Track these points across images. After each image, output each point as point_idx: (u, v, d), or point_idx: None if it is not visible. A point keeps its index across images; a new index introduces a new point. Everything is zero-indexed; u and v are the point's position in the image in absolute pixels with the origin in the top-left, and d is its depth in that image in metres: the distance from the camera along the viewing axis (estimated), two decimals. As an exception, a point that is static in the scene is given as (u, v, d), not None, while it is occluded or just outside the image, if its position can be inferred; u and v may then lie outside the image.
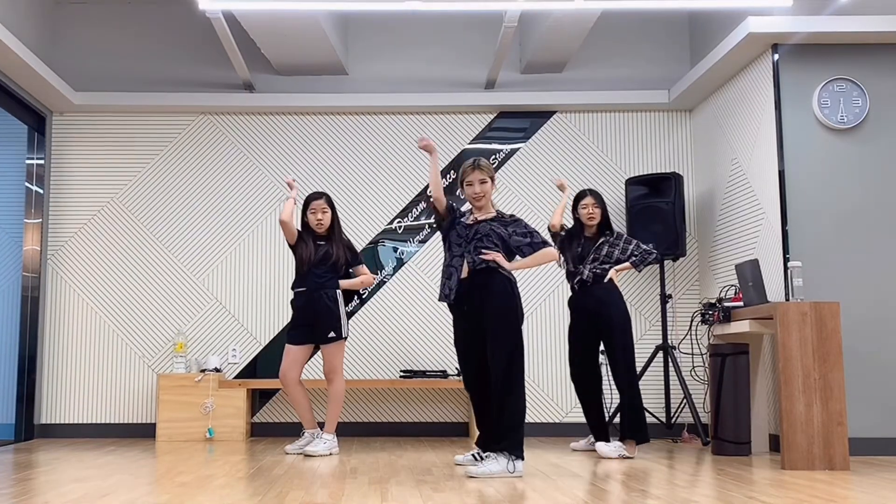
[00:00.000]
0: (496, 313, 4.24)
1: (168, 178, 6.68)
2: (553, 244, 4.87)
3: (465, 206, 4.65)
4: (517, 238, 4.36)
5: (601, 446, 4.99)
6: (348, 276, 5.40)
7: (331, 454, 5.15)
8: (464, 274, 4.36)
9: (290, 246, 5.32)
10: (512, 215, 4.49)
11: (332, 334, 5.19)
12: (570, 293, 5.35)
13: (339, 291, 5.28)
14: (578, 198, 5.32)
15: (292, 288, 5.33)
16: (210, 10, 5.27)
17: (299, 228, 5.32)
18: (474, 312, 4.33)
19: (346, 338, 5.27)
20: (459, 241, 4.41)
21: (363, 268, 5.48)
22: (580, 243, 5.28)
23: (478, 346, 4.36)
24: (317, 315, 5.21)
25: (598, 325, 5.15)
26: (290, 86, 6.72)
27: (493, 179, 4.46)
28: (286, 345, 5.29)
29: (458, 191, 4.61)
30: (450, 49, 6.80)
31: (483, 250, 4.31)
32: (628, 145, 6.75)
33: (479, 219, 4.44)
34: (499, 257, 4.29)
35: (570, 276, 5.31)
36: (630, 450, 4.96)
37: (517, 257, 4.41)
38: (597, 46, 6.76)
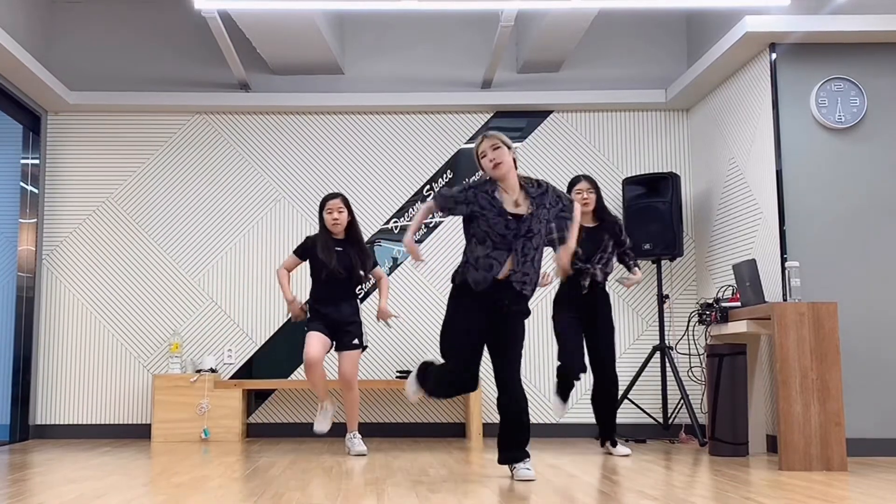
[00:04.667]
0: (522, 318, 4.16)
1: (164, 178, 6.66)
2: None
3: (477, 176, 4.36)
4: (552, 227, 4.20)
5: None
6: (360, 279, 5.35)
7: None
8: (502, 274, 4.04)
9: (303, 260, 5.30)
10: (538, 184, 4.17)
11: (355, 341, 5.21)
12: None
13: (358, 301, 5.35)
14: (572, 183, 5.21)
15: (315, 298, 5.21)
16: (206, 9, 5.25)
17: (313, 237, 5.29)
18: (499, 312, 4.11)
19: (365, 347, 5.31)
20: (506, 234, 4.02)
21: (379, 270, 5.42)
22: (581, 237, 4.99)
23: (478, 338, 4.11)
24: (341, 319, 5.20)
25: (595, 322, 5.17)
26: (286, 85, 6.70)
27: (509, 147, 4.13)
28: (310, 331, 5.13)
29: (479, 171, 4.25)
30: (446, 48, 6.79)
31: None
32: (625, 145, 6.74)
33: (519, 203, 4.10)
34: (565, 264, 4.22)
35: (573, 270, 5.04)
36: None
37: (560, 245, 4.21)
38: (593, 46, 6.75)
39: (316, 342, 5.08)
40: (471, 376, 4.08)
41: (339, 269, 5.15)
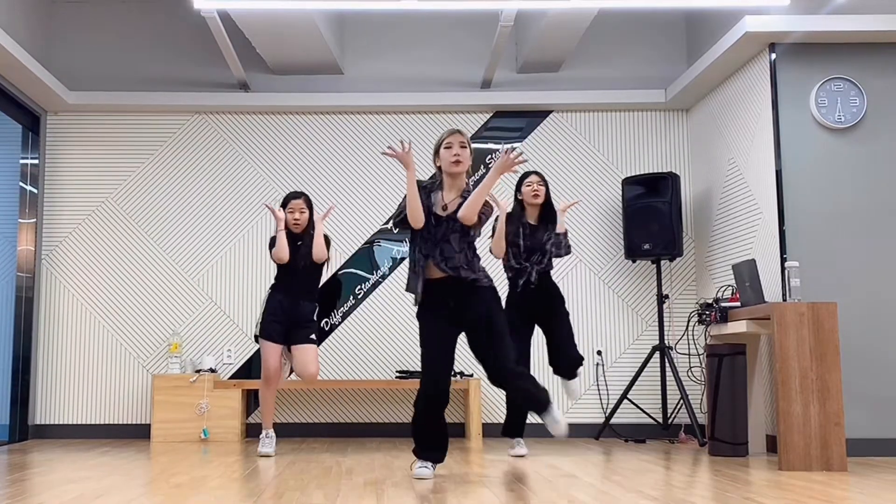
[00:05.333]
0: (495, 309, 4.06)
1: (163, 178, 6.65)
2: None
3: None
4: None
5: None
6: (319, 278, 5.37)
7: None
8: (434, 275, 4.06)
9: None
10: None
11: (313, 336, 5.25)
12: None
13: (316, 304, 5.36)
14: (523, 177, 5.14)
15: (275, 288, 5.23)
16: (205, 9, 5.25)
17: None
18: (456, 313, 4.05)
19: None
20: (427, 237, 4.11)
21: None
22: (525, 233, 5.06)
23: (452, 344, 4.09)
24: (298, 317, 5.21)
25: (549, 315, 5.09)
26: (286, 85, 6.70)
27: (471, 152, 4.16)
28: (267, 342, 5.16)
29: (435, 160, 4.22)
30: (445, 48, 6.78)
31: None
32: (625, 145, 6.73)
33: (447, 207, 4.10)
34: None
35: (512, 270, 5.06)
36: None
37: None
38: (593, 46, 6.75)
39: (275, 353, 5.18)
40: (440, 392, 4.08)
41: (296, 255, 5.16)
